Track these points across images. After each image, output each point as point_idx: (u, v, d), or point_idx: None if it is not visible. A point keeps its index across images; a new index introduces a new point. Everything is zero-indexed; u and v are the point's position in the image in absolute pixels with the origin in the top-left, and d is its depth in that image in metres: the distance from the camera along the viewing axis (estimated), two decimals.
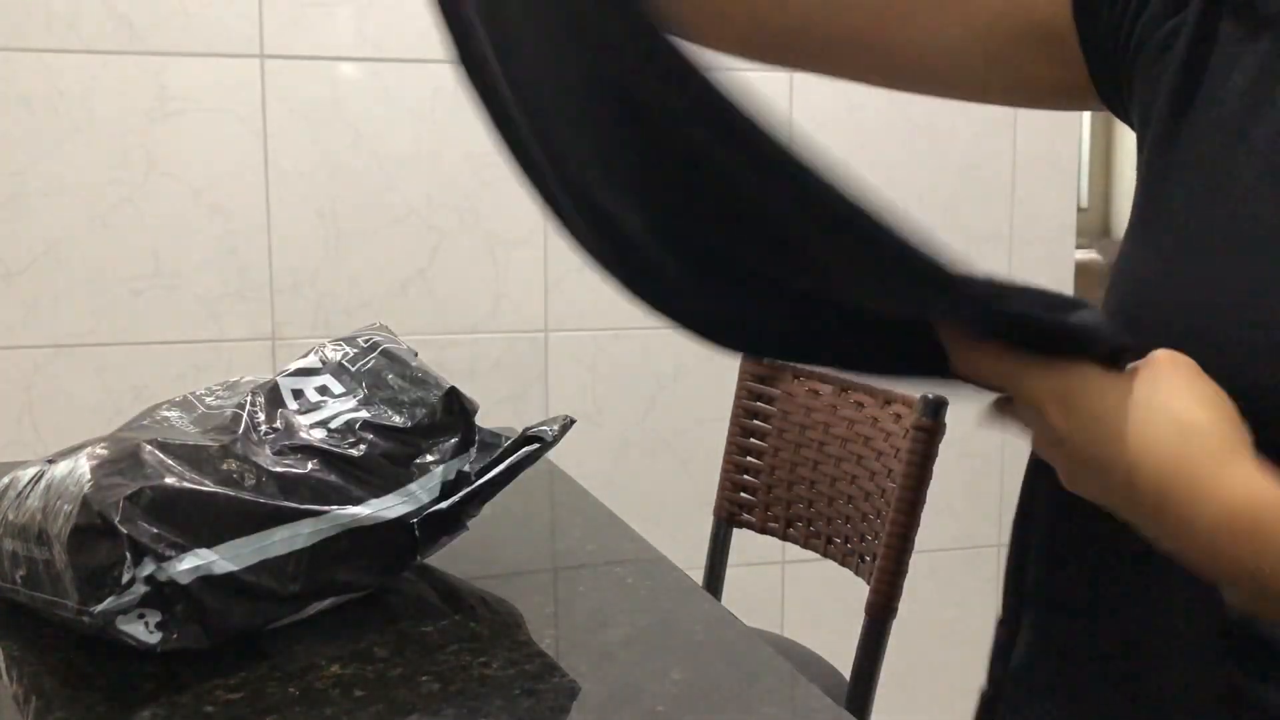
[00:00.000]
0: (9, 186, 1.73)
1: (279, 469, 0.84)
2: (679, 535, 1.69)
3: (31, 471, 0.88)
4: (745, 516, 1.54)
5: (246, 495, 0.81)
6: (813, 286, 0.49)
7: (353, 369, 0.95)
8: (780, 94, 2.01)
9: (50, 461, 0.87)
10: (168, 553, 0.77)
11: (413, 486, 0.90)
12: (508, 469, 0.93)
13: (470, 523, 0.96)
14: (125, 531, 0.75)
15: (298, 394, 0.92)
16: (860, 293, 0.48)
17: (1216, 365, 0.53)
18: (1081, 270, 2.30)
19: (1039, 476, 0.63)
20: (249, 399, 0.90)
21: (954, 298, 0.45)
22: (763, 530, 1.52)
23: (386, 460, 0.89)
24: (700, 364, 2.02)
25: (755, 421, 1.53)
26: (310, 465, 0.86)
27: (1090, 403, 0.52)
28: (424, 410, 0.92)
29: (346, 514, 0.85)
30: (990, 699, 0.67)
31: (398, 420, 0.91)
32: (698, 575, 1.61)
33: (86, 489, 0.78)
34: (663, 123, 0.43)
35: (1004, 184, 2.15)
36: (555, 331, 1.97)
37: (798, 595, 2.14)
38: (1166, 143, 0.61)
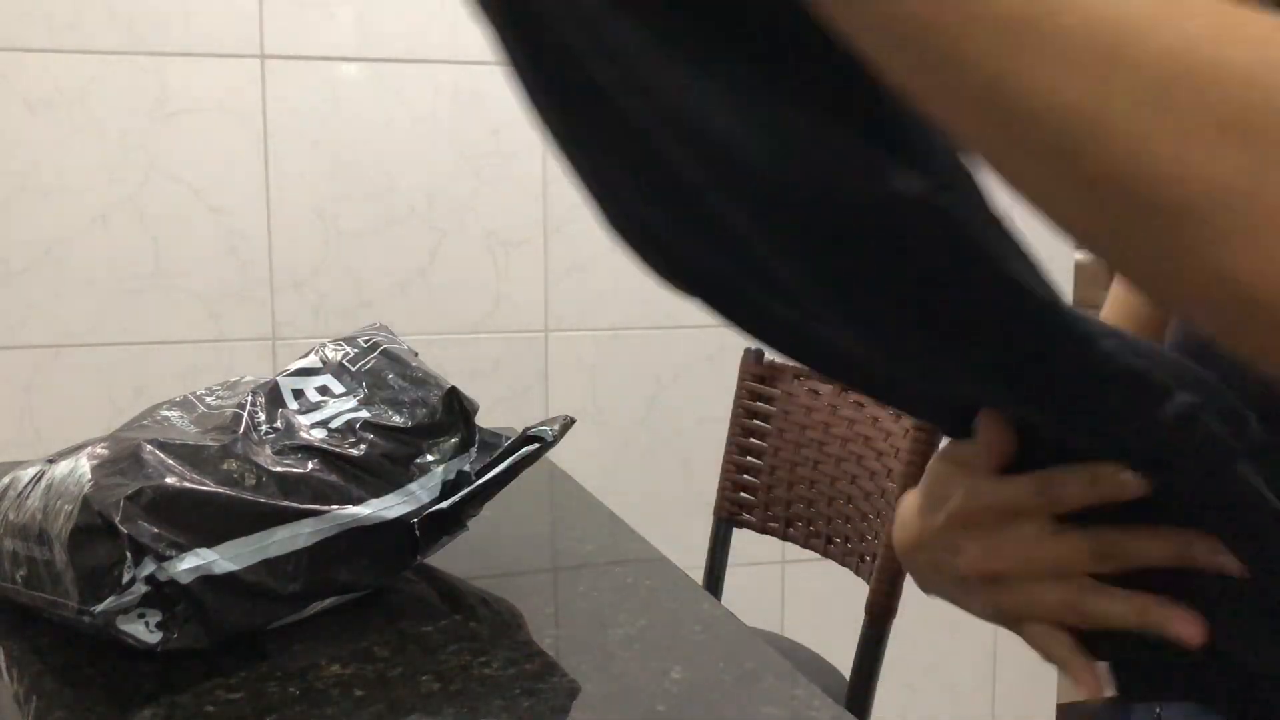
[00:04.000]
0: (9, 186, 1.73)
1: (279, 469, 0.84)
2: (679, 535, 1.69)
3: (32, 471, 0.88)
4: (745, 516, 1.54)
5: (247, 495, 0.82)
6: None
7: (353, 369, 0.95)
8: None
9: (50, 461, 0.87)
10: (168, 552, 0.77)
11: (413, 486, 0.90)
12: (508, 469, 0.93)
13: (470, 523, 0.96)
14: (126, 531, 0.75)
15: (298, 394, 0.92)
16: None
17: None
18: (1081, 270, 2.30)
19: None
20: (249, 399, 0.90)
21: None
22: (763, 530, 1.52)
23: (387, 460, 0.89)
24: (700, 364, 2.02)
25: (755, 421, 1.53)
26: (310, 465, 0.86)
27: None
28: (424, 410, 0.92)
29: (346, 514, 0.85)
30: None
31: (398, 420, 0.91)
32: (698, 575, 1.61)
33: (87, 489, 0.78)
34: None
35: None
36: (555, 331, 1.97)
37: (798, 595, 2.14)
38: None
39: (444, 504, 0.90)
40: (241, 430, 0.87)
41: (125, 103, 1.75)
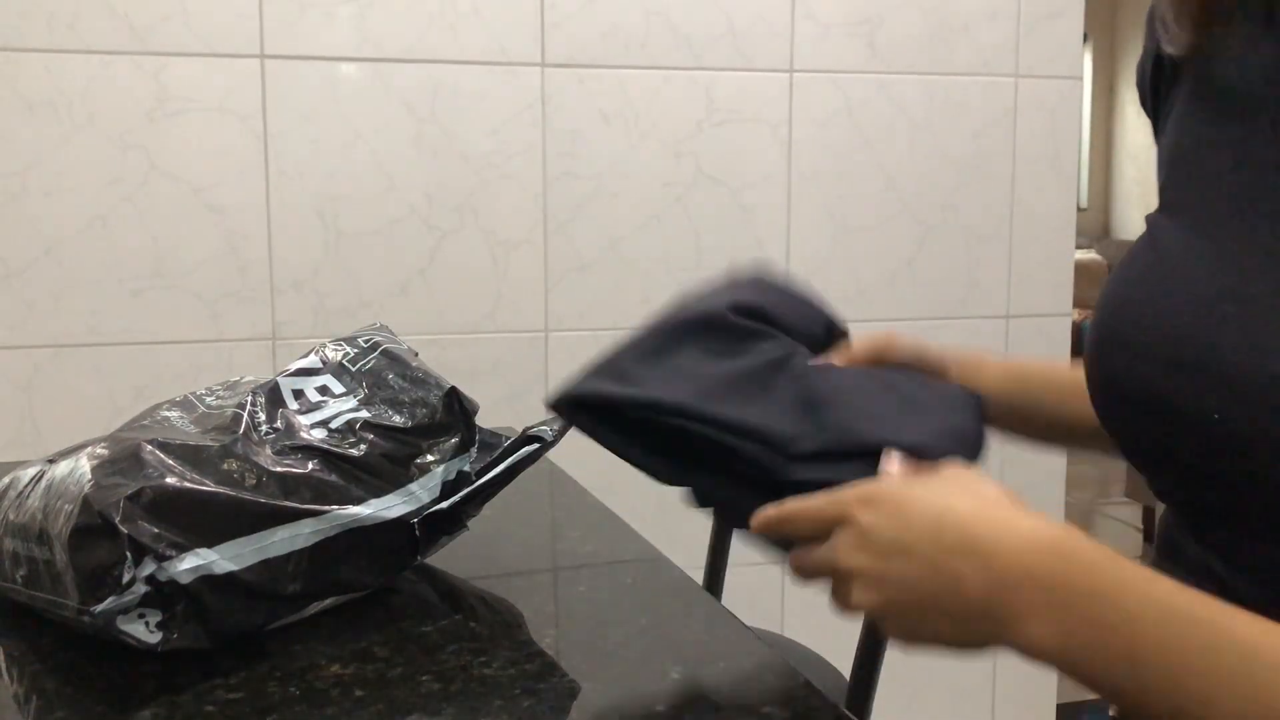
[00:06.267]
0: (9, 186, 1.73)
1: (279, 469, 0.84)
2: (679, 535, 1.69)
3: (32, 471, 0.88)
4: None
5: (247, 495, 0.82)
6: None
7: (353, 369, 0.95)
8: (781, 94, 2.01)
9: (50, 461, 0.87)
10: (168, 552, 0.77)
11: (413, 486, 0.90)
12: (508, 469, 0.93)
13: (470, 523, 0.96)
14: (126, 531, 0.75)
15: (298, 394, 0.92)
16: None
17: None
18: (1081, 270, 2.30)
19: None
20: (249, 399, 0.90)
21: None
22: None
23: (387, 460, 0.89)
24: None
25: None
26: (311, 465, 0.86)
27: (895, 492, 0.63)
28: (424, 410, 0.92)
29: (347, 514, 0.85)
30: None
31: (398, 420, 0.91)
32: (698, 575, 1.61)
33: (87, 489, 0.78)
34: None
35: (1004, 184, 2.15)
36: (555, 331, 1.97)
37: (798, 595, 2.13)
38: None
39: (444, 504, 0.90)
40: (242, 430, 0.87)
41: (125, 102, 1.75)
